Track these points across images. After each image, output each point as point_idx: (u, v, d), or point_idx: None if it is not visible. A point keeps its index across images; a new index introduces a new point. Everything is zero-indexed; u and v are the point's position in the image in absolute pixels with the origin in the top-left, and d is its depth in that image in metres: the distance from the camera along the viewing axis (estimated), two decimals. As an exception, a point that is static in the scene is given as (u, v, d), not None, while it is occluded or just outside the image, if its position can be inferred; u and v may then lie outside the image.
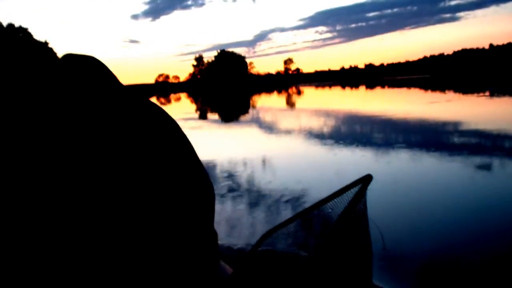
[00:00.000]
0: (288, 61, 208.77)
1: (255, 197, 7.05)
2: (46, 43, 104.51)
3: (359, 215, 1.57)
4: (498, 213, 5.62)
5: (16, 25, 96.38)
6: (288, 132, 15.99)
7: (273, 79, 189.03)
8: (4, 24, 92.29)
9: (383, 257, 4.37)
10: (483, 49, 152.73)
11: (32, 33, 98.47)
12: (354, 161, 9.73)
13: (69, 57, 1.21)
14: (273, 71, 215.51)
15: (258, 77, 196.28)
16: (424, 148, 10.64)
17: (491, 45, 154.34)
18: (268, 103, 41.69)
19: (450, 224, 5.33)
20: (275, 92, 71.63)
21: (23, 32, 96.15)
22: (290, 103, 39.06)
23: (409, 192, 6.81)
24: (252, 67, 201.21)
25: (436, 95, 34.71)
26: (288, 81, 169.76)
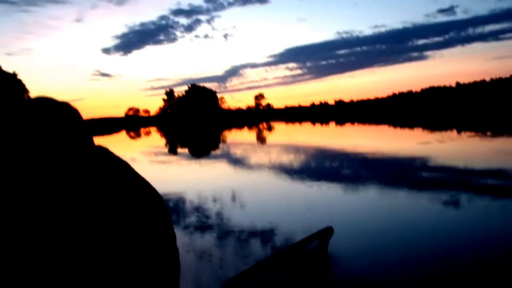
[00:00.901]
0: (259, 97, 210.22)
1: (220, 234, 6.99)
2: (15, 74, 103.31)
3: (320, 271, 1.58)
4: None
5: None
6: (258, 167, 16.03)
7: (244, 114, 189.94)
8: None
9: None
10: (450, 87, 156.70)
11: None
12: (320, 197, 9.80)
13: (42, 102, 1.27)
14: (244, 106, 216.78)
15: (229, 112, 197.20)
16: (391, 184, 10.79)
17: (457, 83, 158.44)
18: (238, 138, 41.77)
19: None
20: (246, 127, 71.88)
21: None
22: (261, 138, 39.19)
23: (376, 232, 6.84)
24: (223, 102, 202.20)
25: (405, 132, 35.31)
26: (259, 116, 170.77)
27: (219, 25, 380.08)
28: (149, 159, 20.67)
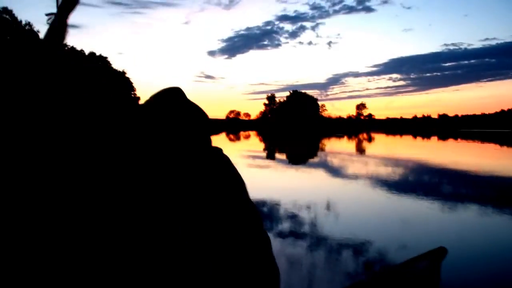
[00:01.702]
0: (360, 106, 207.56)
1: (316, 245, 6.82)
2: (124, 72, 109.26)
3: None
4: None
5: (97, 53, 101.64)
6: (357, 178, 15.73)
7: (344, 123, 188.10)
8: (86, 52, 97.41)
9: None
10: None
11: (111, 62, 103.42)
12: (425, 215, 9.34)
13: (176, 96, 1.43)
14: (345, 115, 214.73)
15: (330, 120, 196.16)
16: (497, 205, 10.12)
17: None
18: (337, 147, 41.37)
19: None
20: (346, 137, 71.22)
21: (102, 61, 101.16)
22: (360, 149, 38.58)
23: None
24: (323, 110, 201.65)
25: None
26: (360, 126, 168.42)
27: (323, 32, 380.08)
28: (246, 162, 20.94)
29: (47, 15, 1.91)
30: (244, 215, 1.26)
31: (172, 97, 1.42)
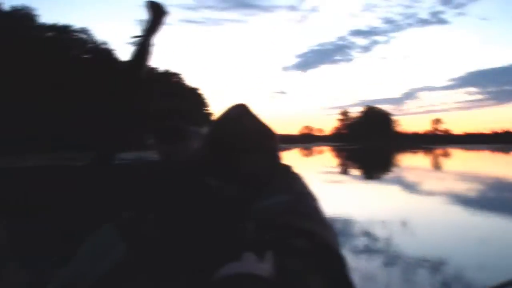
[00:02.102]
0: (436, 121, 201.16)
1: (392, 263, 6.71)
2: (196, 89, 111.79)
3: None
4: None
5: (171, 70, 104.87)
6: (432, 195, 15.34)
7: (419, 139, 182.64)
8: (161, 69, 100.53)
9: None
10: None
11: (184, 79, 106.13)
12: (505, 234, 9.00)
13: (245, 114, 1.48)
14: (420, 130, 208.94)
15: (404, 135, 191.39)
16: None
17: None
18: (413, 163, 40.64)
19: None
20: (422, 152, 69.34)
21: (176, 77, 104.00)
22: (436, 165, 37.63)
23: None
24: (398, 125, 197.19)
25: None
26: (435, 141, 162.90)
27: (396, 46, 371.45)
28: (320, 177, 20.90)
29: (133, 37, 2.11)
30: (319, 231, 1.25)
31: (240, 113, 1.46)
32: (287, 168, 1.50)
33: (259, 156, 1.43)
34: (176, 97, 2.01)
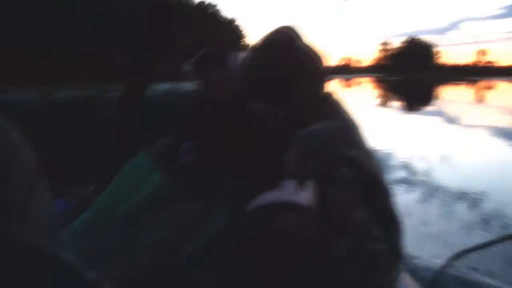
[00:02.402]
0: (481, 53, 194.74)
1: (432, 196, 6.60)
2: (233, 21, 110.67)
3: None
4: None
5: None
6: (472, 127, 15.09)
7: (463, 70, 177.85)
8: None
9: None
10: None
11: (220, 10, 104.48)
12: None
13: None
14: (464, 62, 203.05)
15: (448, 67, 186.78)
16: None
17: None
18: (455, 95, 39.85)
19: None
20: (464, 84, 67.81)
21: (212, 8, 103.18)
22: (479, 98, 36.78)
23: None
24: (439, 57, 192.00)
25: None
26: (479, 73, 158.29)
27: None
28: (359, 109, 20.80)
29: None
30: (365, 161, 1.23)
31: (291, 37, 1.37)
32: (330, 95, 1.43)
33: (311, 85, 1.36)
34: (211, 26, 1.94)
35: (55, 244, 0.93)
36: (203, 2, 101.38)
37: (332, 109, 1.37)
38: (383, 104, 28.28)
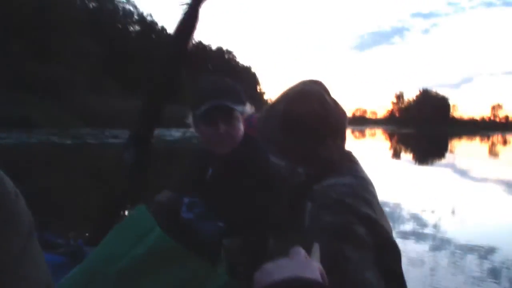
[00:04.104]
0: (496, 107, 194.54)
1: (441, 248, 6.54)
2: (249, 68, 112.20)
3: None
4: None
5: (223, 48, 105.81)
6: (485, 181, 14.90)
7: (477, 125, 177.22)
8: (213, 47, 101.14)
9: None
10: None
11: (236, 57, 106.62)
12: None
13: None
14: (478, 116, 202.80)
15: (462, 121, 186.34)
16: None
17: None
18: (468, 149, 39.61)
19: None
20: (478, 138, 67.46)
21: (229, 55, 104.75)
22: (493, 152, 36.48)
23: None
24: (455, 110, 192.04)
25: None
26: (494, 128, 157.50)
27: (456, 29, 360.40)
28: (371, 160, 20.70)
29: (182, 4, 2.01)
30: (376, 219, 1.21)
31: (321, 91, 1.35)
32: (350, 152, 1.43)
33: (336, 141, 1.35)
34: (229, 71, 1.88)
35: None
36: (221, 48, 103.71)
37: (351, 166, 1.36)
38: (396, 156, 28.18)
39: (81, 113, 41.90)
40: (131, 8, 68.68)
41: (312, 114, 1.30)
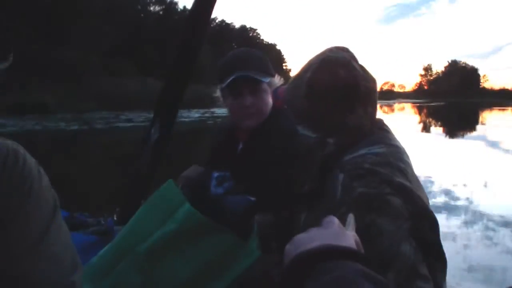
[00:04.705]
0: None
1: (473, 221, 6.46)
2: (274, 45, 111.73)
3: None
4: None
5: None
6: None
7: (508, 95, 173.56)
8: (237, 25, 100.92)
9: None
10: None
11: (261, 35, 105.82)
12: None
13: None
14: (509, 86, 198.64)
15: (492, 91, 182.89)
16: None
17: None
18: (499, 121, 38.86)
19: None
20: (510, 108, 66.15)
21: (253, 33, 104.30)
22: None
23: None
24: (485, 81, 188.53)
25: None
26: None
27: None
28: (401, 135, 20.43)
29: None
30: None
31: (348, 58, 1.32)
32: (381, 120, 1.41)
33: (367, 109, 1.31)
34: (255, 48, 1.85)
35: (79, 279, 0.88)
36: (244, 26, 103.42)
37: (383, 135, 1.34)
38: (426, 129, 27.88)
39: (96, 97, 41.16)
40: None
41: (339, 81, 1.27)
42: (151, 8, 67.89)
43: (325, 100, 1.28)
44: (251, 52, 1.88)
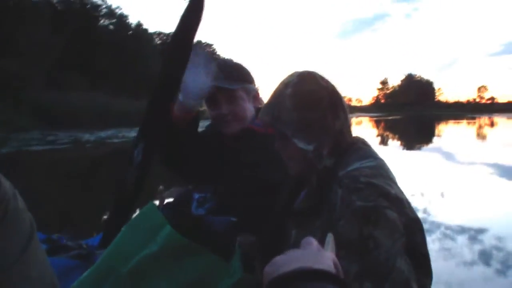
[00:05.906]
0: (482, 89, 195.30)
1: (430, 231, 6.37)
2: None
3: None
4: None
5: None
6: (471, 164, 14.90)
7: (463, 107, 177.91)
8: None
9: None
10: None
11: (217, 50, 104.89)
12: None
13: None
14: (463, 99, 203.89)
15: (447, 104, 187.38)
16: None
17: None
18: (454, 132, 39.79)
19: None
20: (464, 121, 67.70)
21: (208, 47, 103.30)
22: (479, 135, 36.61)
23: None
24: (440, 94, 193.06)
25: None
26: (480, 110, 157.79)
27: (438, 13, 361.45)
28: None
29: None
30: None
31: (317, 76, 1.40)
32: (359, 137, 1.50)
33: (346, 114, 1.42)
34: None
35: None
36: (200, 41, 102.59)
37: (369, 149, 1.43)
38: (384, 143, 28.21)
39: (35, 113, 36.03)
40: (100, 1, 64.38)
41: (323, 89, 1.37)
42: (102, 21, 65.59)
43: (316, 109, 1.35)
44: (223, 62, 1.97)
